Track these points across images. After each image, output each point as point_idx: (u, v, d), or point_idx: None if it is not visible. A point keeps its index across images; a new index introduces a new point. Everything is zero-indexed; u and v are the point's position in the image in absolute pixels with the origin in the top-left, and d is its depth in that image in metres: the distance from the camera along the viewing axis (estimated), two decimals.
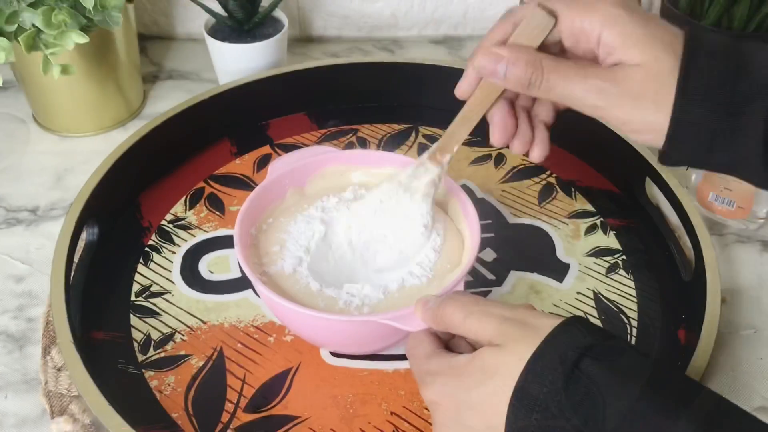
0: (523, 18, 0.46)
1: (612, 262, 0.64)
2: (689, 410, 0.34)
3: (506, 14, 0.48)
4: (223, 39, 0.79)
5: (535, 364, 0.36)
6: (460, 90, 0.50)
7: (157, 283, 0.62)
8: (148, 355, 0.56)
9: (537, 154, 0.51)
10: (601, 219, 0.68)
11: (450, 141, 0.52)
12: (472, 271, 0.63)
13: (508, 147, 0.51)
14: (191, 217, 0.68)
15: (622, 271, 0.63)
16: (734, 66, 0.42)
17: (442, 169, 0.53)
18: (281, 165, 0.60)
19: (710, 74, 0.41)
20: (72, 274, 0.58)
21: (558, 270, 0.63)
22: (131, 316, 0.59)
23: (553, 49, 0.47)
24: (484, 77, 0.48)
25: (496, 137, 0.50)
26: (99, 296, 0.60)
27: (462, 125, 0.51)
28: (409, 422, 0.52)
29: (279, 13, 0.83)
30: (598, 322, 0.59)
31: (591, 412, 0.34)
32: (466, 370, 0.39)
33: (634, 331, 0.59)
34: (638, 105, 0.43)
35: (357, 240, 0.55)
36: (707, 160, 0.44)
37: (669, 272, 0.63)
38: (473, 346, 0.43)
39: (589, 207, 0.69)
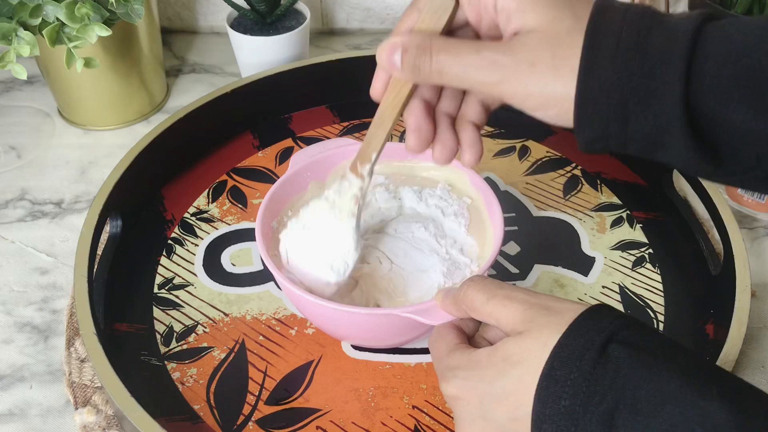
0: (426, 3, 0.43)
1: (638, 255, 0.63)
2: (721, 390, 0.32)
3: (412, 1, 0.44)
4: (245, 32, 0.79)
5: (562, 350, 0.35)
6: (374, 90, 0.45)
7: (179, 276, 0.62)
8: (170, 347, 0.56)
9: (467, 159, 0.45)
10: (627, 212, 0.67)
11: (367, 149, 0.47)
12: (496, 265, 0.62)
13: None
14: (214, 209, 0.68)
15: (648, 265, 0.62)
16: (650, 18, 0.36)
17: (364, 182, 0.49)
18: (303, 157, 0.59)
19: (621, 29, 0.36)
20: (95, 267, 0.59)
21: (583, 263, 0.62)
22: (154, 308, 0.59)
23: (465, 33, 0.44)
24: (386, 71, 0.43)
25: (411, 143, 0.45)
26: (122, 288, 0.60)
27: (377, 128, 0.46)
28: (431, 416, 0.52)
29: (301, 6, 0.83)
30: None
31: (621, 395, 0.33)
32: (489, 361, 0.38)
33: (661, 326, 0.58)
34: (534, 72, 0.37)
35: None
36: (623, 134, 0.37)
37: (697, 266, 0.62)
38: (494, 343, 0.42)
39: (615, 200, 0.68)
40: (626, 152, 0.38)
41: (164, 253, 0.64)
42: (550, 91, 0.38)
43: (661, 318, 0.58)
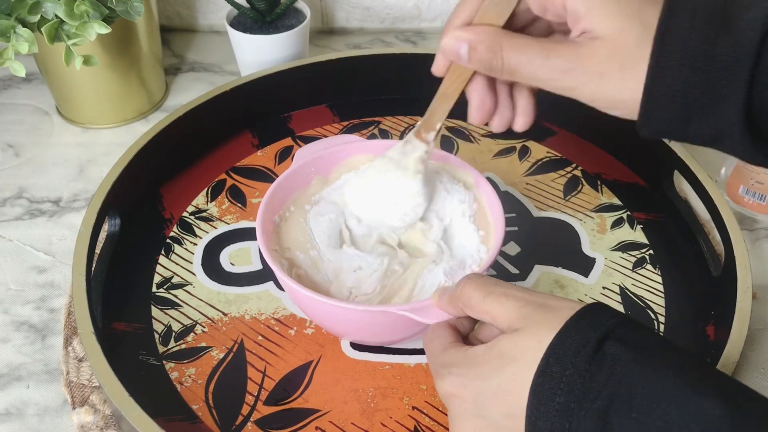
0: None
1: (639, 256, 0.63)
2: (715, 387, 0.32)
3: None
4: (245, 30, 0.79)
5: (558, 347, 0.35)
6: (436, 66, 0.48)
7: (178, 275, 0.61)
8: (168, 347, 0.56)
9: (520, 124, 0.48)
10: (628, 213, 0.67)
11: (432, 118, 0.50)
12: (496, 265, 0.62)
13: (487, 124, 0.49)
14: (213, 208, 0.67)
15: (649, 266, 0.62)
16: (716, 27, 0.38)
17: (428, 146, 0.52)
18: (307, 153, 0.59)
19: (689, 36, 0.38)
20: (93, 266, 0.58)
21: (583, 264, 0.62)
22: (152, 307, 0.59)
23: (524, 16, 0.45)
24: (451, 60, 0.46)
25: (474, 116, 0.48)
26: (120, 287, 0.60)
27: (442, 102, 0.49)
28: (430, 417, 0.52)
29: (301, 5, 0.82)
30: None
31: (616, 392, 0.33)
32: (484, 358, 0.38)
33: (662, 327, 0.57)
34: (604, 81, 0.40)
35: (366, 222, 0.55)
36: (685, 132, 0.40)
37: (697, 267, 0.62)
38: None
39: (616, 200, 0.68)
40: (684, 142, 0.43)
41: (163, 252, 0.63)
42: (619, 97, 0.41)
43: (661, 319, 0.58)
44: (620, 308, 0.59)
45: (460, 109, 0.49)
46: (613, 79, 0.40)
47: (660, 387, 0.33)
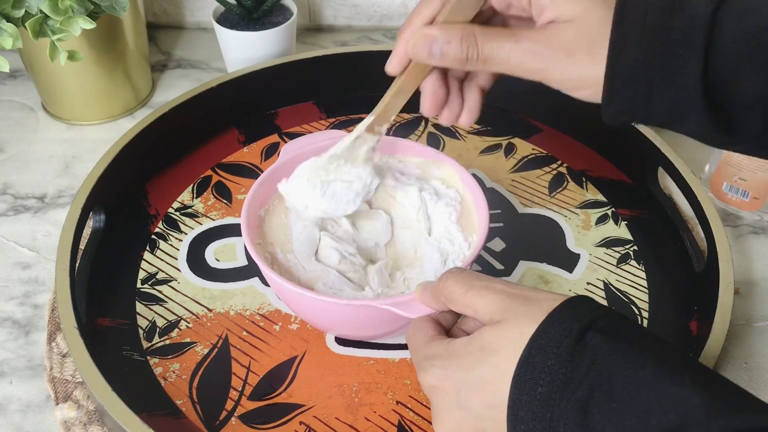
0: None
1: (623, 252, 0.63)
2: (694, 376, 0.33)
3: None
4: (231, 27, 0.79)
5: (540, 338, 0.36)
6: (391, 67, 0.48)
7: (163, 271, 0.61)
8: (153, 342, 0.56)
9: (465, 119, 0.50)
10: (613, 209, 0.67)
11: (387, 112, 0.51)
12: (481, 261, 0.62)
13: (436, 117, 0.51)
14: (198, 205, 0.67)
15: (633, 262, 0.62)
16: (670, 2, 0.40)
17: (380, 136, 0.52)
18: (293, 148, 0.59)
19: (645, 12, 0.40)
20: (78, 261, 0.58)
21: (568, 260, 0.62)
22: (137, 303, 0.59)
23: (486, 14, 0.47)
24: (419, 60, 0.46)
25: (426, 107, 0.49)
26: (105, 283, 0.60)
27: (397, 97, 0.50)
28: (414, 411, 0.52)
29: (288, 2, 0.82)
30: None
31: (596, 382, 0.33)
32: (466, 350, 0.38)
33: (645, 322, 0.58)
34: (573, 61, 0.42)
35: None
36: (647, 108, 0.41)
37: (681, 263, 0.62)
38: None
39: (600, 197, 0.68)
40: (647, 124, 0.43)
41: (148, 248, 0.63)
42: (587, 76, 0.42)
43: (645, 314, 0.58)
44: (604, 303, 0.59)
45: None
46: (581, 58, 0.41)
47: (640, 377, 0.33)
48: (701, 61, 0.39)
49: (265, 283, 0.60)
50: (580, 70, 0.42)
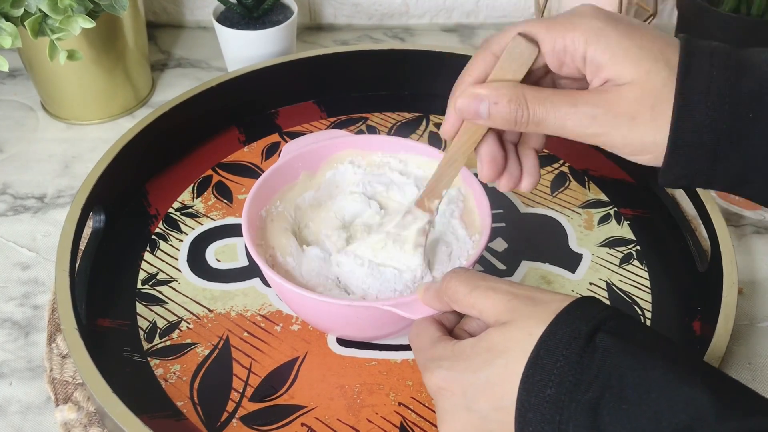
0: (503, 49, 0.43)
1: (626, 252, 0.63)
2: (704, 377, 0.33)
3: (484, 44, 0.45)
4: (232, 26, 0.79)
5: (549, 339, 0.35)
6: (444, 131, 0.47)
7: (163, 271, 0.61)
8: (153, 343, 0.56)
9: (526, 184, 0.48)
10: (615, 209, 0.67)
11: (437, 185, 0.49)
12: (483, 261, 0.62)
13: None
14: (199, 205, 0.67)
15: (636, 262, 0.62)
16: (735, 65, 0.39)
17: (432, 216, 0.50)
18: (294, 147, 0.59)
19: (711, 73, 0.39)
20: (78, 262, 0.58)
21: (570, 260, 0.62)
22: (137, 303, 0.58)
23: (537, 73, 0.45)
24: (467, 119, 0.45)
25: (485, 173, 0.47)
26: (105, 284, 0.59)
27: (449, 167, 0.48)
28: (417, 413, 0.51)
29: (288, 1, 0.82)
30: None
31: (607, 384, 0.33)
32: (473, 351, 0.38)
33: (648, 322, 0.57)
34: (635, 126, 0.40)
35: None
36: (711, 173, 0.40)
37: (684, 263, 0.62)
38: (475, 335, 0.42)
39: (603, 197, 0.68)
40: (707, 188, 0.42)
41: (148, 248, 0.63)
42: (650, 141, 0.40)
43: (648, 315, 0.58)
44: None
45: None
46: (644, 121, 0.40)
47: (650, 378, 0.33)
48: None
49: (266, 284, 0.60)
50: (642, 135, 0.40)
